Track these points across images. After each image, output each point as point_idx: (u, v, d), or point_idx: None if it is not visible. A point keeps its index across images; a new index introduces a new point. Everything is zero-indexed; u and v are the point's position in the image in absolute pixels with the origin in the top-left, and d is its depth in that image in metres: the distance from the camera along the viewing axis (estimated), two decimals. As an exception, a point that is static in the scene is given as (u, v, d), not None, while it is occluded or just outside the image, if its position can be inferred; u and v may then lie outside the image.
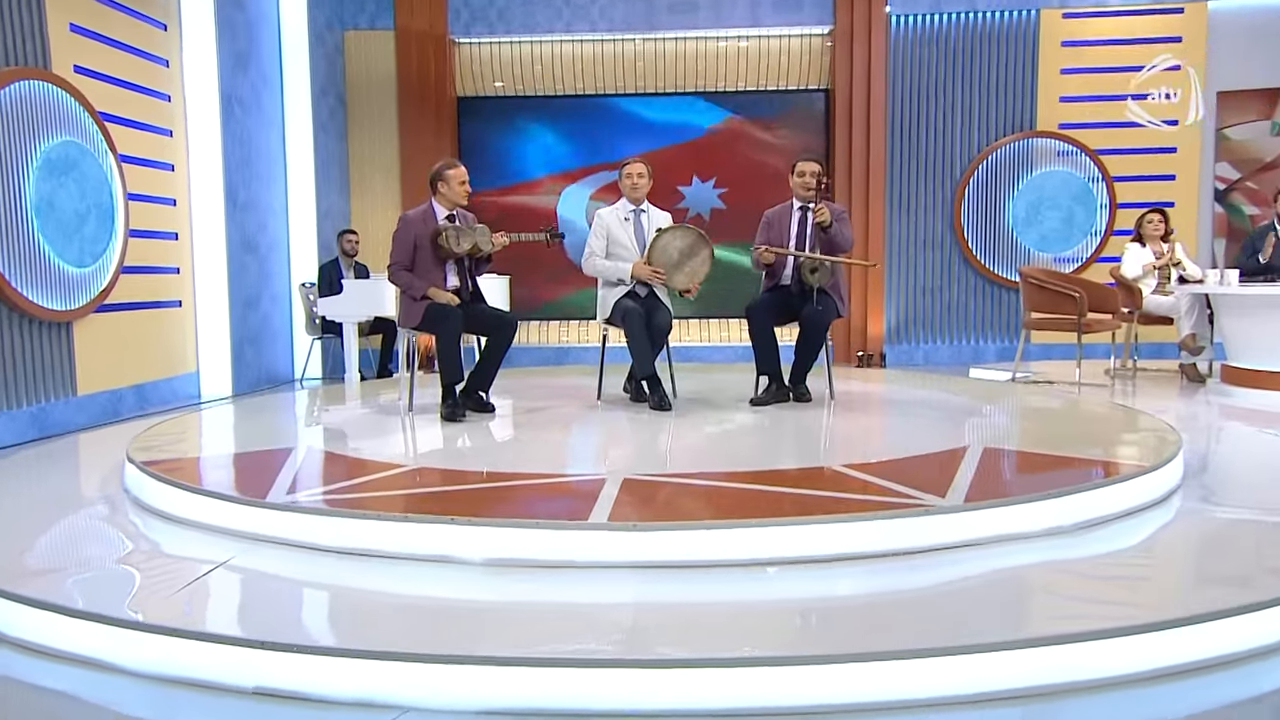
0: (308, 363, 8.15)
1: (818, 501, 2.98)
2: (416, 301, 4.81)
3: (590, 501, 2.97)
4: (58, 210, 5.47)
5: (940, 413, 4.92)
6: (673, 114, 9.33)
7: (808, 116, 9.30)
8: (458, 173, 4.85)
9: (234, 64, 7.30)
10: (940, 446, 3.83)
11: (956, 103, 8.92)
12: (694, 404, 5.15)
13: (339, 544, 2.88)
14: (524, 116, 9.37)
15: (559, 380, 6.49)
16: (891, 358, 9.04)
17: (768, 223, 5.13)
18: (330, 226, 8.58)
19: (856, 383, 6.26)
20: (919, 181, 9.01)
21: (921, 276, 9.08)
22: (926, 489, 3.05)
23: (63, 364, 5.54)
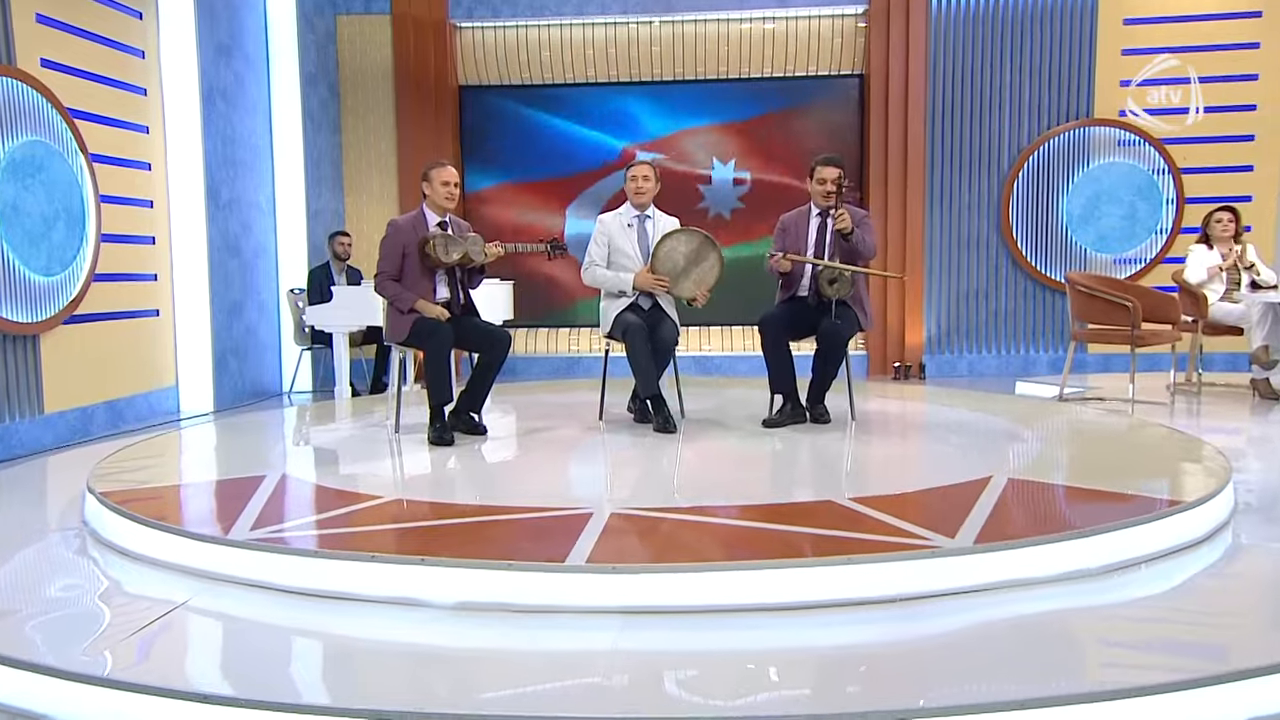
0: (296, 375, 8.29)
1: (816, 541, 3.01)
2: (404, 314, 4.90)
3: (571, 539, 3.02)
4: (23, 215, 5.62)
5: (970, 436, 4.92)
6: (693, 103, 9.37)
7: (840, 104, 9.31)
8: (441, 174, 4.93)
9: (216, 53, 7.45)
10: (963, 476, 3.85)
11: (1004, 88, 8.88)
12: (702, 425, 5.19)
13: (302, 585, 2.96)
14: (531, 107, 9.46)
15: (562, 397, 6.56)
16: (932, 369, 9.02)
17: (783, 228, 5.16)
18: (321, 227, 8.71)
19: (885, 401, 6.26)
20: (962, 176, 8.99)
21: (965, 280, 9.05)
22: (937, 527, 3.07)
23: (28, 380, 5.68)
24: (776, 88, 9.34)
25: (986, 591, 2.86)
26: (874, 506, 3.36)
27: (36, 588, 3.28)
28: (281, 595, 2.97)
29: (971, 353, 9.10)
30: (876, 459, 4.47)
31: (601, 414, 5.40)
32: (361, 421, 5.75)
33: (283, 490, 3.85)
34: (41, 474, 5.13)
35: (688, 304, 5.17)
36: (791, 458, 4.53)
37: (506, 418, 5.91)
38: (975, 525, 3.12)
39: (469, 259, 4.92)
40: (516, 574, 2.81)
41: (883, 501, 3.46)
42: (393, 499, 3.69)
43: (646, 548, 3.06)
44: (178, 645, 2.71)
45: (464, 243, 4.90)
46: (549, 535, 3.18)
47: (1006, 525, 3.17)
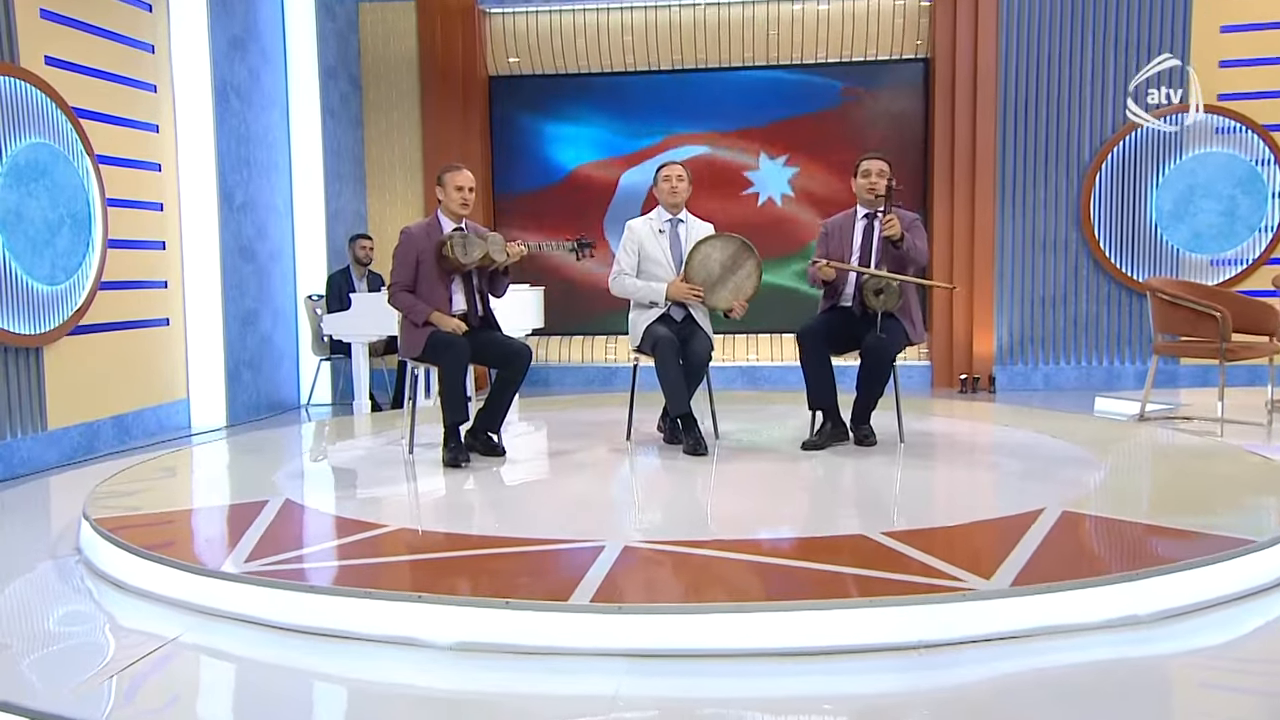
0: (314, 386, 8.49)
1: (840, 580, 3.05)
2: (418, 328, 5.02)
3: (578, 575, 3.10)
4: (26, 221, 5.85)
5: (1028, 462, 4.91)
6: (740, 92, 9.42)
7: (901, 92, 9.30)
8: (455, 177, 5.05)
9: (229, 46, 7.68)
10: (1013, 509, 3.85)
11: (1085, 71, 8.79)
12: (736, 446, 5.24)
13: (295, 622, 3.07)
14: (565, 98, 9.59)
15: (592, 413, 6.65)
16: (1003, 382, 8.96)
17: (827, 233, 5.20)
18: (341, 229, 8.92)
19: (939, 419, 6.25)
20: (1038, 169, 8.91)
21: (1040, 284, 8.97)
22: (973, 566, 3.09)
23: (31, 395, 5.91)
24: (832, 74, 9.36)
25: (1022, 639, 2.87)
26: (908, 542, 3.38)
27: (28, 621, 3.44)
28: (274, 632, 3.08)
29: (1048, 364, 9.01)
30: (920, 488, 4.48)
31: (629, 433, 5.48)
32: (378, 439, 5.90)
33: (284, 518, 3.98)
34: (43, 495, 5.35)
35: (724, 315, 5.22)
36: (828, 485, 4.56)
37: (528, 437, 6.02)
38: (1016, 565, 3.13)
39: (490, 260, 5.02)
40: (516, 613, 2.89)
41: (919, 536, 3.48)
42: (397, 528, 3.80)
43: (657, 585, 3.13)
44: (164, 685, 2.83)
45: (484, 243, 5.01)
46: (555, 570, 3.26)
47: (1052, 565, 3.18)
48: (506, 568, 3.34)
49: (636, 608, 2.85)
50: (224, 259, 7.53)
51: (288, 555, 3.44)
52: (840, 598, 2.91)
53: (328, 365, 8.52)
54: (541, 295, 8.01)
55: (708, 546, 3.41)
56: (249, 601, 3.15)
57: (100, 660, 2.94)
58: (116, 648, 3.07)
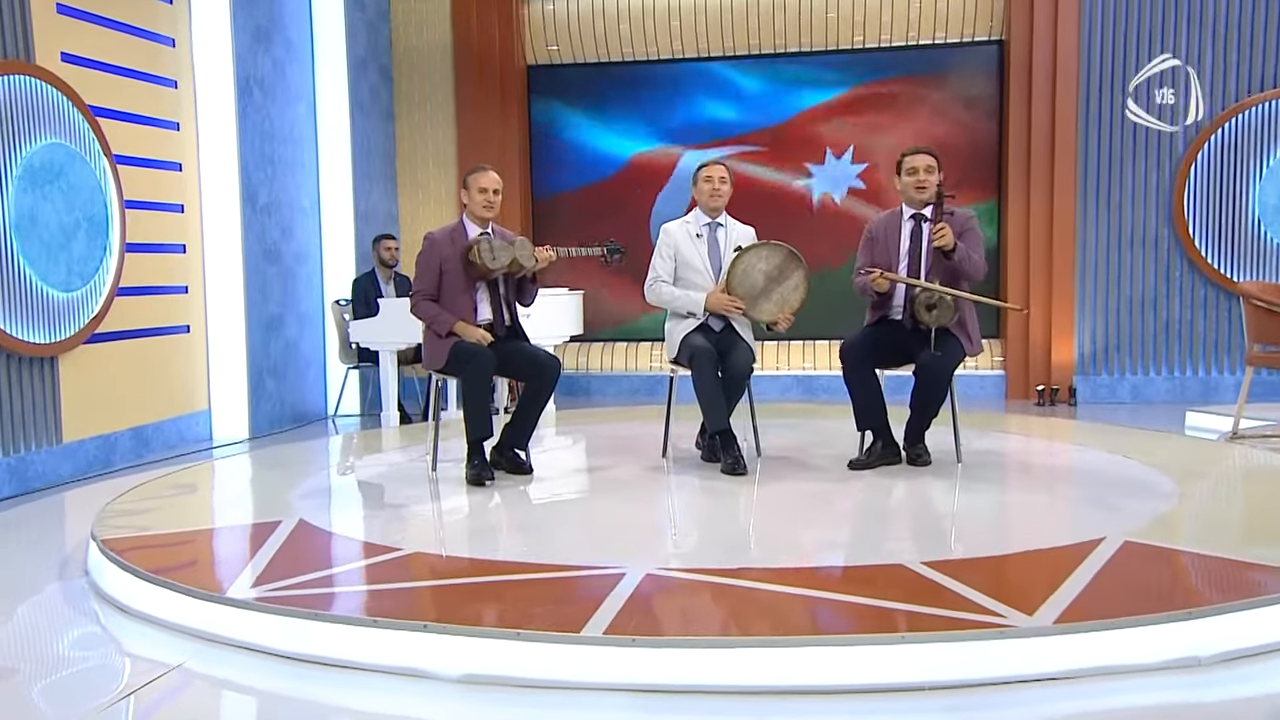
0: (341, 396, 8.69)
1: (870, 613, 3.09)
2: (442, 339, 5.14)
3: (594, 605, 3.18)
4: (41, 226, 6.09)
5: (1094, 486, 4.89)
6: (796, 81, 9.46)
7: (973, 77, 9.27)
8: (479, 179, 5.17)
9: (253, 38, 7.90)
10: (1070, 537, 3.86)
11: (1177, 53, 8.68)
12: (779, 465, 5.29)
13: (300, 650, 3.19)
14: (609, 87, 9.70)
15: (630, 427, 6.74)
16: (1085, 393, 8.88)
17: (871, 238, 5.22)
18: (371, 230, 9.11)
19: (1005, 437, 6.24)
20: (1124, 159, 8.82)
21: (1127, 286, 8.87)
22: (1016, 601, 3.11)
23: (45, 406, 6.15)
24: (897, 59, 9.37)
25: (1068, 680, 2.89)
26: (949, 573, 3.41)
27: (34, 646, 3.61)
28: (277, 660, 3.20)
29: (1135, 374, 8.92)
30: (971, 513, 4.49)
31: (665, 450, 5.55)
32: (404, 454, 6.04)
33: (295, 540, 4.11)
34: (56, 511, 5.56)
35: (768, 328, 5.27)
36: (871, 509, 4.59)
37: (559, 452, 6.12)
38: (1063, 600, 3.15)
39: (518, 265, 5.13)
40: (526, 644, 2.98)
41: (962, 567, 3.51)
42: (411, 552, 3.91)
43: (675, 617, 3.19)
44: (164, 714, 2.97)
45: (512, 248, 5.12)
46: (571, 599, 3.34)
47: (1104, 600, 3.18)
48: (522, 596, 3.43)
49: (650, 641, 2.92)
50: (247, 262, 7.74)
51: (295, 580, 3.56)
52: (865, 633, 2.95)
53: (356, 374, 8.72)
54: (580, 300, 8.12)
55: (731, 575, 3.46)
56: (252, 629, 3.28)
57: (103, 688, 3.08)
58: (119, 675, 3.21)
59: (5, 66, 5.80)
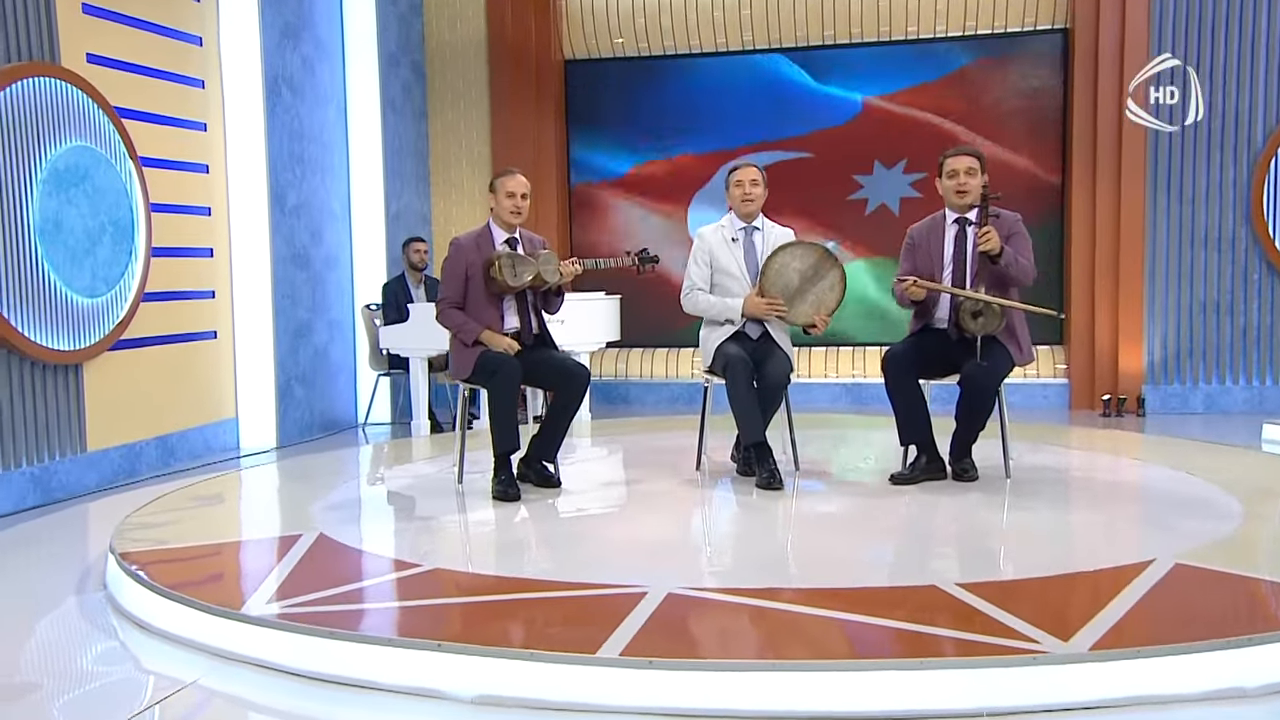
0: (372, 403, 8.83)
1: (898, 637, 3.13)
2: (468, 348, 5.24)
3: (612, 625, 3.25)
4: (65, 231, 6.27)
5: (1152, 504, 4.89)
6: (847, 74, 9.48)
7: (1035, 68, 9.23)
8: (506, 183, 5.26)
9: (281, 36, 8.07)
10: (1118, 559, 3.86)
11: (1256, 41, 8.59)
12: (817, 480, 5.35)
13: (313, 668, 3.29)
14: (651, 83, 9.78)
15: (665, 438, 6.81)
16: (1154, 403, 8.80)
17: (913, 244, 5.24)
18: (403, 232, 9.26)
19: (1061, 451, 6.23)
20: (1198, 153, 8.73)
21: (1201, 288, 8.79)
22: (1052, 626, 3.13)
23: (70, 414, 6.33)
24: (954, 49, 9.35)
25: (1105, 710, 2.91)
26: (984, 595, 3.44)
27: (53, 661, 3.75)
28: (292, 678, 3.30)
29: (1210, 383, 8.82)
30: (1017, 532, 4.50)
31: (699, 463, 5.61)
32: (432, 465, 6.16)
33: (314, 556, 4.22)
34: (79, 523, 5.73)
35: (805, 331, 5.32)
36: (910, 526, 4.62)
37: (590, 464, 6.20)
38: (1103, 625, 3.16)
39: (541, 281, 5.22)
40: (540, 665, 3.05)
41: (998, 589, 3.53)
42: (431, 569, 4.00)
43: (695, 638, 3.25)
44: (174, 732, 3.09)
45: (535, 262, 5.20)
46: (590, 619, 3.41)
47: (1147, 625, 3.20)
48: (540, 615, 3.51)
49: (668, 663, 2.98)
50: (275, 266, 7.91)
51: (311, 597, 3.67)
52: (886, 658, 3.00)
53: (386, 381, 8.86)
54: (617, 305, 8.20)
55: (756, 596, 3.51)
56: (267, 646, 3.38)
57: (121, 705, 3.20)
58: (135, 691, 3.33)
59: (30, 69, 5.98)
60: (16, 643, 3.83)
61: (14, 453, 5.91)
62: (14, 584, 4.55)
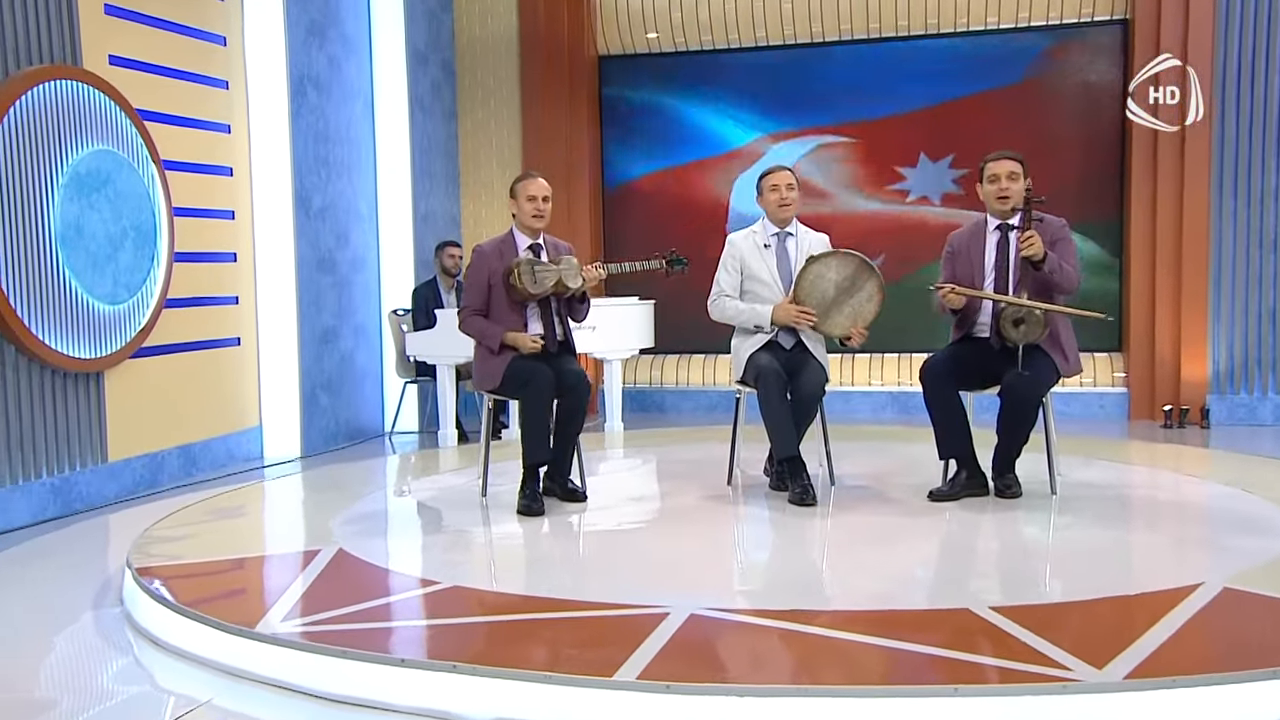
0: (399, 412, 8.95)
1: (925, 662, 3.16)
2: (494, 355, 5.31)
3: (632, 647, 3.30)
4: (87, 236, 6.42)
5: (1205, 524, 4.87)
6: (892, 68, 9.49)
7: (1093, 61, 9.18)
8: (526, 187, 5.32)
9: (307, 34, 8.20)
10: (1164, 582, 3.85)
11: (1326, 31, 8.53)
12: (853, 495, 5.37)
13: (326, 688, 3.37)
14: (688, 79, 9.84)
15: (698, 449, 6.86)
16: (1219, 414, 8.73)
17: (953, 252, 5.26)
18: (432, 234, 9.37)
19: (1117, 465, 6.20)
20: (1266, 151, 8.66)
21: (1270, 293, 8.71)
22: (1086, 652, 3.15)
23: (91, 423, 6.47)
24: (1007, 43, 9.32)
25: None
26: (1018, 619, 3.46)
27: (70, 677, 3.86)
28: (305, 699, 3.39)
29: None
30: (1059, 552, 4.52)
31: (731, 477, 5.66)
32: (458, 477, 6.26)
33: (332, 572, 4.31)
34: (99, 535, 5.86)
35: (840, 343, 5.35)
36: (950, 545, 4.65)
37: (619, 476, 6.29)
38: (1141, 652, 3.16)
39: (563, 287, 5.29)
40: (556, 688, 3.12)
41: (1033, 613, 3.54)
42: (449, 586, 4.08)
43: (715, 661, 3.30)
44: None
45: (556, 268, 5.27)
46: (610, 640, 3.47)
47: (1188, 653, 3.21)
48: (558, 635, 3.57)
49: (686, 687, 3.03)
50: (300, 271, 8.04)
51: (326, 615, 3.75)
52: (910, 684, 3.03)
53: (414, 388, 8.97)
54: (650, 310, 8.26)
55: (779, 617, 3.55)
56: (280, 665, 3.47)
57: (126, 724, 3.31)
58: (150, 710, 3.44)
59: (51, 72, 6.12)
60: (34, 658, 3.94)
61: (34, 463, 6.06)
62: (33, 597, 4.67)
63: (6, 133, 5.82)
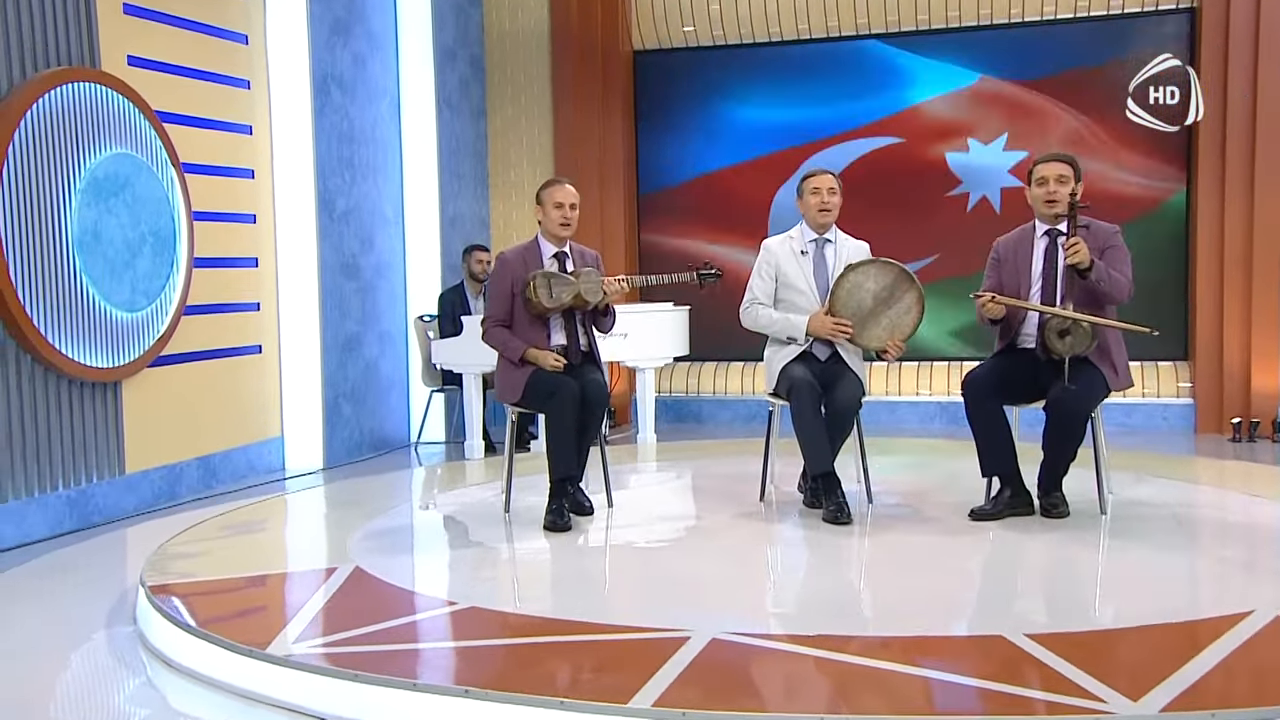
0: (425, 422, 9.06)
1: (949, 691, 3.19)
2: (517, 367, 5.39)
3: (650, 672, 3.36)
4: (104, 242, 6.56)
5: (1263, 547, 4.86)
6: (944, 63, 9.49)
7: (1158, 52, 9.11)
8: (554, 194, 5.39)
9: (332, 31, 8.33)
10: (1213, 609, 3.87)
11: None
12: (891, 514, 5.40)
13: (337, 712, 3.45)
14: (728, 75, 9.89)
15: (732, 463, 6.90)
16: (1293, 427, 8.68)
17: (998, 259, 5.27)
18: (459, 237, 9.48)
19: (1176, 483, 6.15)
20: (1342, 148, 8.60)
21: (1348, 298, 8.64)
22: (1123, 683, 3.16)
23: (107, 434, 6.61)
24: (1068, 34, 9.30)
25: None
26: (1053, 647, 3.47)
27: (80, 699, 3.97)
28: (314, 722, 3.49)
29: (1363, 406, 8.67)
30: (1105, 576, 4.51)
31: (763, 493, 5.71)
32: (484, 490, 6.34)
33: (347, 591, 4.40)
34: (115, 550, 5.99)
35: (877, 356, 5.38)
36: (990, 568, 4.66)
37: (649, 490, 6.34)
38: (1181, 683, 3.17)
39: (581, 302, 5.35)
40: (569, 714, 3.18)
41: (1070, 641, 3.55)
42: (467, 607, 4.16)
43: (735, 687, 3.34)
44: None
45: (575, 281, 5.33)
46: (628, 664, 3.52)
47: (1230, 685, 3.21)
48: (575, 659, 3.63)
49: (703, 716, 3.09)
50: (323, 276, 8.17)
51: (340, 636, 3.83)
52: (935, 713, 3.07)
53: (440, 397, 9.07)
54: (685, 316, 8.31)
55: (804, 643, 3.59)
56: (290, 688, 3.56)
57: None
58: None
59: (68, 74, 6.26)
60: (46, 677, 4.05)
61: (50, 475, 6.19)
62: (47, 614, 4.78)
63: (23, 137, 5.96)
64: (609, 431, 8.52)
